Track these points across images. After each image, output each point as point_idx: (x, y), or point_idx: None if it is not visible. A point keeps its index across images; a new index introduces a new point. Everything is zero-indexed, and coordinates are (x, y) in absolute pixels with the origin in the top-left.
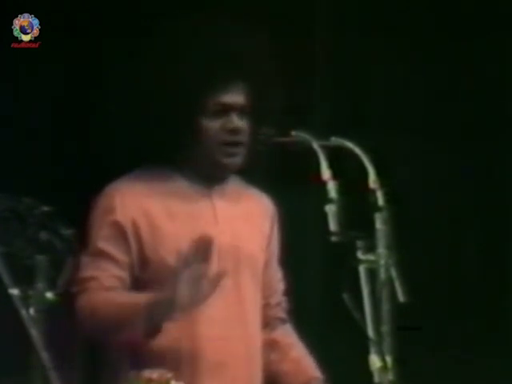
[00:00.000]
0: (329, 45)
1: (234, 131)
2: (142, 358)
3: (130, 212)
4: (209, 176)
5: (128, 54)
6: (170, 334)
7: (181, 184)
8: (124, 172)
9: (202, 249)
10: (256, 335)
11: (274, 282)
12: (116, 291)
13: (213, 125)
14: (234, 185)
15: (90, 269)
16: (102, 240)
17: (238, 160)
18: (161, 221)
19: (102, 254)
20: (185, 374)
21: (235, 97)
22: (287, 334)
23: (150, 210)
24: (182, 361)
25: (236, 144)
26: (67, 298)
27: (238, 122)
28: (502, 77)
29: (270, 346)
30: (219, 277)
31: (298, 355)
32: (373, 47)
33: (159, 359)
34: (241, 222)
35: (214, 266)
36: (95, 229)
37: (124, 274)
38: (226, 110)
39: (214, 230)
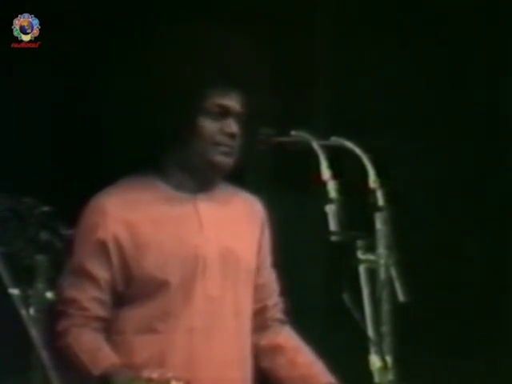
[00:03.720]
0: (329, 45)
1: (232, 136)
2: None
3: (113, 227)
4: (197, 180)
5: (128, 54)
6: (166, 343)
7: (165, 192)
8: (124, 172)
9: None
10: (247, 342)
11: (269, 284)
12: (91, 337)
13: (212, 126)
14: (221, 190)
15: (72, 289)
16: (85, 258)
17: (230, 161)
18: (144, 231)
19: (84, 273)
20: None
21: (233, 101)
22: (290, 338)
23: (133, 221)
24: (178, 369)
25: (230, 146)
26: None
27: (235, 127)
28: (502, 77)
29: (274, 350)
30: None
31: (308, 360)
32: (373, 47)
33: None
34: (227, 227)
35: (198, 271)
36: (78, 246)
37: (104, 296)
38: (224, 113)
39: (199, 235)
